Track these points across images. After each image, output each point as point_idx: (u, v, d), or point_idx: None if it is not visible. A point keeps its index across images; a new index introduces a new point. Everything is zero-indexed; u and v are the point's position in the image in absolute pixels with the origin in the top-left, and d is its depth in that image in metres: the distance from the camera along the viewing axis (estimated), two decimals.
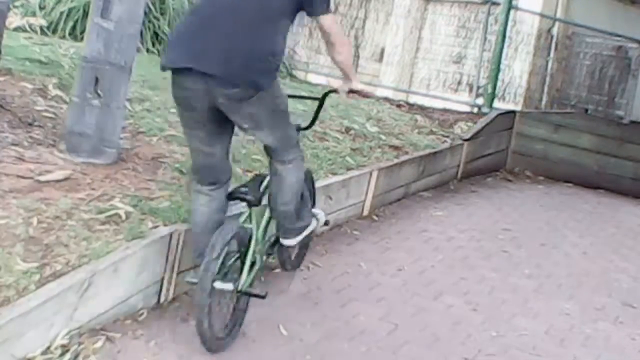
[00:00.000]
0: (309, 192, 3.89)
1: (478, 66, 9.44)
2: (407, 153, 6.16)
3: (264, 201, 3.53)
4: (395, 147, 6.17)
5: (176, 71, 3.31)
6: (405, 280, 4.37)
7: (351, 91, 3.60)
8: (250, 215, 3.40)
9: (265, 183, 3.54)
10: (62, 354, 2.83)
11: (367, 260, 4.55)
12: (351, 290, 4.06)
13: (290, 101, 5.15)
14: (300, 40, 11.19)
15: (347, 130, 6.19)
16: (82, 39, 6.10)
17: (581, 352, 3.79)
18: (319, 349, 3.35)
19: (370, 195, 5.42)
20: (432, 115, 7.91)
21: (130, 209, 3.51)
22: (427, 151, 6.44)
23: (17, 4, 7.47)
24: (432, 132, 7.13)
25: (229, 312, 3.30)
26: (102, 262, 3.06)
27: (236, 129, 3.38)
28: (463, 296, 4.27)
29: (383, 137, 6.34)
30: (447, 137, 7.13)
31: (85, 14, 7.11)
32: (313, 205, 4.04)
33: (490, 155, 7.81)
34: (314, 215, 3.89)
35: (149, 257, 3.32)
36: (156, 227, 3.45)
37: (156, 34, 7.67)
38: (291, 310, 3.69)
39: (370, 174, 5.39)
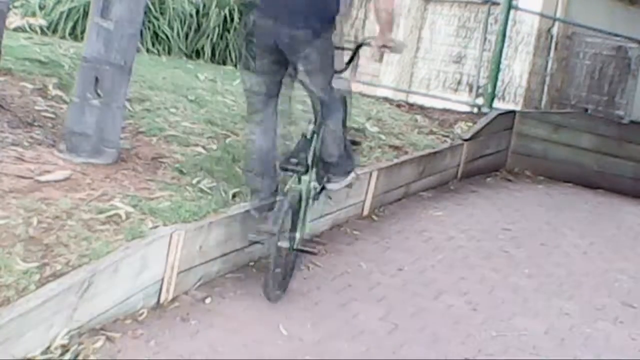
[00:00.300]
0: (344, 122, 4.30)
1: (478, 66, 9.43)
2: (407, 153, 6.16)
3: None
4: (395, 147, 6.17)
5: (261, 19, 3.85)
6: (405, 280, 4.37)
7: (383, 46, 4.09)
8: (300, 178, 3.77)
9: (312, 145, 3.87)
10: (62, 354, 2.83)
11: (367, 260, 4.55)
12: (351, 290, 4.06)
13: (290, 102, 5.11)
14: None
15: (347, 130, 6.18)
16: (82, 39, 6.10)
17: (581, 352, 3.79)
18: (319, 349, 3.35)
19: (370, 195, 5.42)
20: (432, 115, 7.90)
21: (130, 209, 3.51)
22: (427, 151, 6.44)
23: (17, 4, 7.47)
24: (432, 132, 7.13)
25: (283, 267, 3.72)
26: (102, 262, 3.06)
27: None
28: (463, 296, 4.27)
29: (383, 137, 6.34)
30: (447, 137, 7.13)
31: (85, 14, 7.11)
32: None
33: (490, 155, 7.80)
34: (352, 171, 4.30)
35: (149, 257, 3.32)
36: (156, 227, 3.45)
37: (156, 34, 7.66)
38: (291, 310, 3.69)
39: (370, 174, 5.39)
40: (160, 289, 3.45)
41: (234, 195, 4.08)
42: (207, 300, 3.60)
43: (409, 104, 8.60)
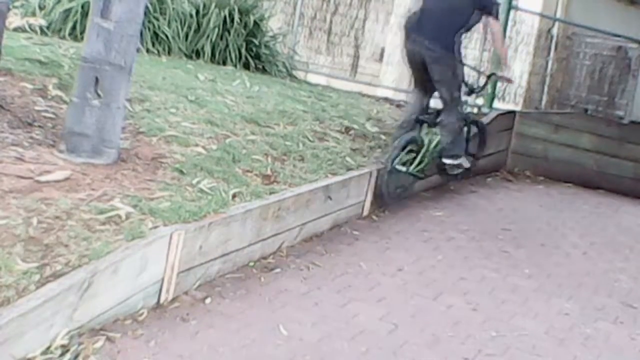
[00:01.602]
0: (478, 139, 6.53)
1: (478, 66, 9.43)
2: None
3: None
4: None
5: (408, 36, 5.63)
6: (405, 280, 4.37)
7: (507, 79, 6.27)
8: (427, 132, 5.79)
9: (439, 118, 5.79)
10: (62, 354, 2.83)
11: (367, 260, 4.55)
12: (351, 290, 4.06)
13: (290, 101, 5.21)
14: (300, 40, 11.19)
15: (347, 130, 6.19)
16: (82, 39, 6.09)
17: (581, 352, 3.79)
18: (319, 349, 3.35)
19: (370, 195, 5.42)
20: None
21: (130, 209, 3.51)
22: None
23: (17, 4, 7.46)
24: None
25: (402, 184, 5.63)
26: (102, 262, 3.06)
27: None
28: (463, 296, 4.27)
29: (383, 137, 6.34)
30: None
31: (85, 14, 7.11)
32: (483, 146, 6.65)
33: (490, 155, 7.80)
34: (464, 155, 6.02)
35: (149, 258, 3.32)
36: (156, 227, 3.45)
37: (156, 34, 7.66)
38: (291, 310, 3.69)
39: (370, 174, 5.39)
40: (160, 289, 3.45)
41: (234, 195, 4.08)
42: (207, 300, 3.61)
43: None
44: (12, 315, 2.64)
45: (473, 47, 10.59)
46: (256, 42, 8.49)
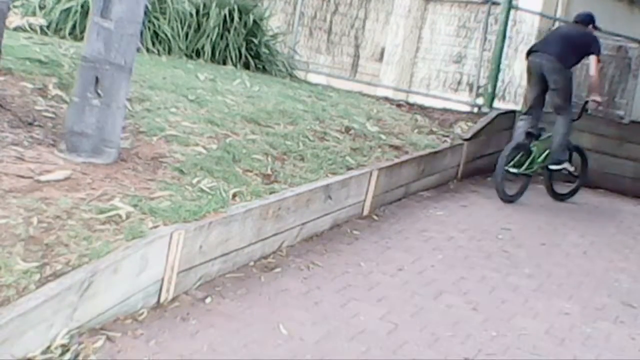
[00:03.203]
0: (581, 159, 7.32)
1: (478, 66, 9.44)
2: (407, 153, 6.16)
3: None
4: (395, 147, 6.17)
5: (532, 54, 6.86)
6: (405, 280, 4.37)
7: (597, 103, 6.97)
8: (535, 144, 6.80)
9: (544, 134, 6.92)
10: (62, 354, 2.83)
11: (367, 260, 4.55)
12: (351, 290, 4.06)
13: (290, 101, 5.21)
14: (301, 39, 11.19)
15: (347, 130, 6.19)
16: (82, 38, 6.09)
17: (581, 352, 3.79)
18: (319, 349, 3.35)
19: (370, 195, 5.42)
20: (432, 115, 7.91)
21: (130, 208, 3.51)
22: (427, 151, 6.44)
23: (17, 3, 7.46)
24: (432, 132, 7.13)
25: (517, 184, 6.74)
26: (102, 262, 3.06)
27: None
28: (463, 296, 4.27)
29: (383, 136, 6.34)
30: (447, 136, 7.14)
31: (85, 13, 7.11)
32: (585, 168, 7.37)
33: (491, 155, 7.80)
34: (568, 161, 7.00)
35: (149, 257, 3.32)
36: (156, 227, 3.45)
37: (156, 34, 7.66)
38: (291, 310, 3.69)
39: (370, 174, 5.39)
40: (160, 289, 3.45)
41: (234, 195, 4.08)
42: (207, 300, 3.61)
43: (409, 103, 8.60)
44: (12, 315, 2.64)
45: (473, 47, 10.59)
46: (256, 41, 8.50)
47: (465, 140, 7.22)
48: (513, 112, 8.45)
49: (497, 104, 8.92)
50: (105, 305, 3.11)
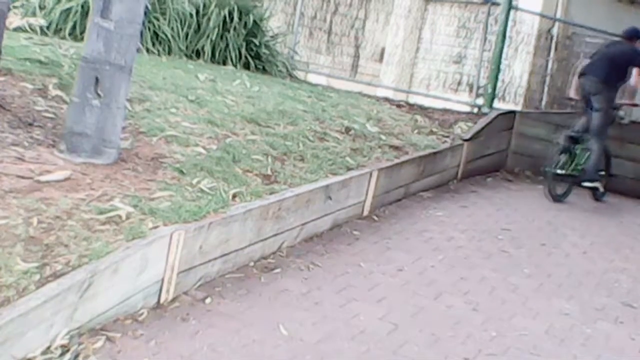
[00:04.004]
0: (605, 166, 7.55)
1: (478, 66, 9.44)
2: (407, 153, 6.16)
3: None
4: (395, 147, 6.17)
5: (581, 76, 7.35)
6: (405, 280, 4.37)
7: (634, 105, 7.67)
8: (578, 148, 7.22)
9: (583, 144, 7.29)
10: (62, 354, 2.83)
11: (367, 260, 4.55)
12: (351, 290, 4.06)
13: (290, 101, 5.21)
14: (301, 40, 11.19)
15: (347, 130, 6.19)
16: (82, 39, 6.10)
17: (581, 352, 3.79)
18: (319, 349, 3.35)
19: (370, 195, 5.42)
20: (432, 116, 7.91)
21: (130, 209, 3.51)
22: (427, 151, 6.44)
23: (17, 4, 7.47)
24: (432, 132, 7.13)
25: (564, 183, 7.23)
26: (102, 262, 3.06)
27: None
28: (463, 296, 4.27)
29: (383, 137, 6.34)
30: (447, 137, 7.14)
31: (85, 14, 7.12)
32: (608, 174, 7.64)
33: (490, 155, 7.81)
34: (598, 180, 7.37)
35: (149, 257, 3.32)
36: (156, 227, 3.45)
37: (156, 34, 7.66)
38: (291, 310, 3.69)
39: (370, 174, 5.39)
40: (160, 289, 3.45)
41: (234, 195, 4.08)
42: (207, 300, 3.61)
43: (409, 104, 8.61)
44: (13, 315, 2.64)
45: (473, 47, 10.59)
46: (256, 42, 8.50)
47: (465, 140, 7.22)
48: (513, 112, 8.46)
49: (497, 104, 8.92)
50: (105, 306, 3.11)
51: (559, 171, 7.10)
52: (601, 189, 7.50)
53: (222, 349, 3.20)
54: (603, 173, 7.49)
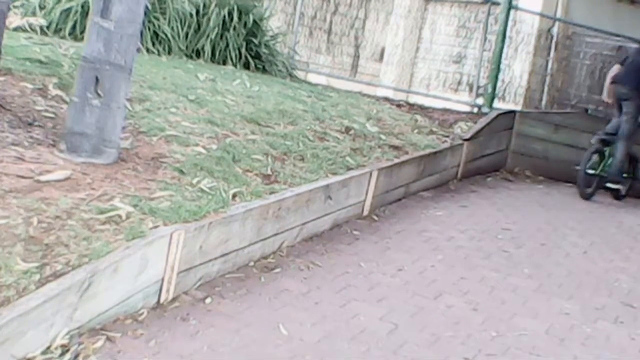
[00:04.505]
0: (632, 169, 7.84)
1: (478, 66, 9.44)
2: (407, 153, 6.16)
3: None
4: (395, 147, 6.17)
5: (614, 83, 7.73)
6: (405, 280, 4.37)
7: None
8: (607, 149, 7.61)
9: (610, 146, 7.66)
10: (62, 354, 2.83)
11: (367, 260, 4.55)
12: (351, 290, 4.06)
13: (290, 101, 5.20)
14: (301, 40, 11.19)
15: (347, 130, 6.19)
16: (82, 38, 6.10)
17: (581, 352, 3.79)
18: (319, 349, 3.35)
19: (370, 195, 5.42)
20: (432, 115, 7.91)
21: (130, 209, 3.51)
22: (427, 151, 6.44)
23: (17, 4, 7.47)
24: (432, 132, 7.13)
25: (593, 182, 7.56)
26: (102, 262, 3.06)
27: None
28: (463, 296, 4.27)
29: (383, 137, 6.34)
30: (447, 137, 7.13)
31: (85, 13, 7.12)
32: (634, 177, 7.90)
33: (490, 155, 7.81)
34: (621, 182, 7.74)
35: (149, 257, 3.32)
36: (156, 227, 3.45)
37: (156, 34, 7.66)
38: (291, 310, 3.69)
39: (370, 174, 5.39)
40: (160, 289, 3.45)
41: (234, 195, 4.08)
42: (207, 300, 3.61)
43: (409, 103, 8.61)
44: (12, 315, 2.64)
45: (473, 47, 10.59)
46: (256, 41, 8.50)
47: (465, 140, 7.22)
48: (513, 112, 8.45)
49: (497, 104, 8.93)
50: (105, 306, 3.11)
51: (589, 171, 7.49)
52: (623, 192, 7.79)
53: (222, 349, 3.20)
54: (627, 176, 7.76)
